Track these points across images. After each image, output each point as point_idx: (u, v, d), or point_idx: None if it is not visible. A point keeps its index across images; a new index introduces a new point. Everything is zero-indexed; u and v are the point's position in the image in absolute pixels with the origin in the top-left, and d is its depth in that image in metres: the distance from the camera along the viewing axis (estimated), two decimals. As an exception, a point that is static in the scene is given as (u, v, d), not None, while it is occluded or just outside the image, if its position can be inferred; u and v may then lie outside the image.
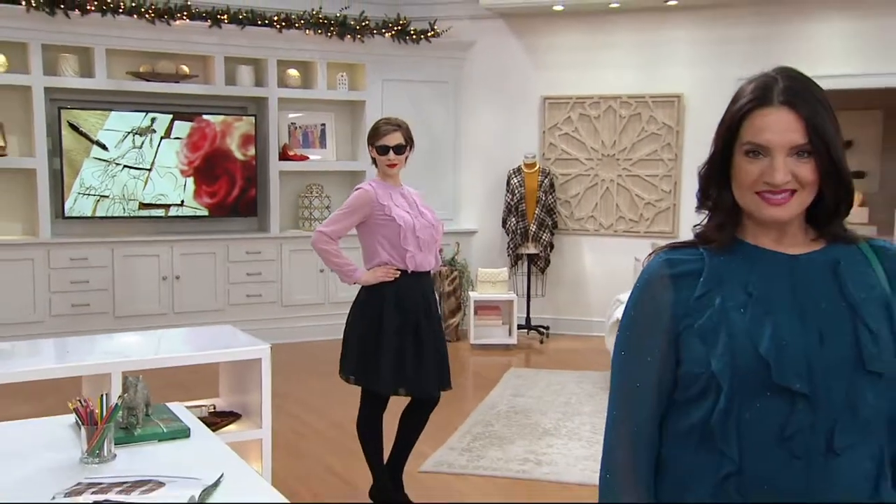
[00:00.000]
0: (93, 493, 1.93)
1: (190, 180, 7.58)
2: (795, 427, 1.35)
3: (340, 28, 7.83)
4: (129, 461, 2.23)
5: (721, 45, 7.66)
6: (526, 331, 7.96)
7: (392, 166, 3.93)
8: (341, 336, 4.01)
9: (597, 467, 4.35)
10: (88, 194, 7.25)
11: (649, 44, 7.87)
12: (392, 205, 3.89)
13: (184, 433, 2.45)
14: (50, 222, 7.11)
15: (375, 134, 3.95)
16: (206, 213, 7.69)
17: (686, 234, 6.78)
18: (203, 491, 1.93)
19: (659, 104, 7.89)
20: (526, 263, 8.06)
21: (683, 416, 1.45)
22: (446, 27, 8.23)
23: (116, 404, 2.24)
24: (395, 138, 3.91)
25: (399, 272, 3.89)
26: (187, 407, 3.68)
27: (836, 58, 7.41)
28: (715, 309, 1.42)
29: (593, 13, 7.93)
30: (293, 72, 7.95)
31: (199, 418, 3.56)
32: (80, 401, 2.20)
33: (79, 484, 2.00)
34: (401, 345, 3.86)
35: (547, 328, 8.04)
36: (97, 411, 2.17)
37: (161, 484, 2.00)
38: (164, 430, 2.43)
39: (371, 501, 4.04)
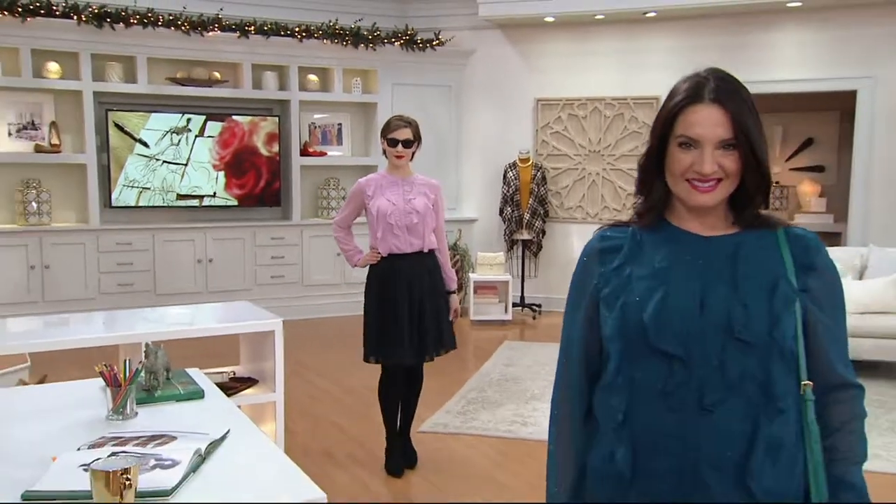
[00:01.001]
0: (113, 445, 2.01)
1: (221, 174, 7.67)
2: (673, 385, 1.37)
3: (355, 38, 7.91)
4: (149, 418, 2.28)
5: (694, 52, 7.69)
6: (520, 308, 8.07)
7: (399, 158, 3.96)
8: (355, 312, 4.08)
9: None
10: (132, 186, 7.37)
11: (630, 51, 7.93)
12: (378, 195, 3.95)
13: (199, 395, 2.51)
14: (99, 211, 7.24)
15: (388, 128, 4.00)
16: (235, 203, 7.76)
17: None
18: (209, 444, 2.03)
19: (639, 105, 7.96)
20: (520, 248, 8.16)
21: (603, 371, 1.48)
22: (449, 36, 8.33)
23: (137, 369, 2.31)
24: (405, 133, 3.96)
25: (380, 255, 3.98)
26: (211, 373, 3.81)
27: (796, 64, 7.48)
28: (622, 279, 1.45)
29: (581, 24, 7.99)
30: (313, 77, 8.02)
31: (221, 383, 3.68)
32: (105, 365, 2.26)
33: (102, 437, 2.08)
34: (382, 318, 3.94)
35: (539, 306, 8.13)
36: (121, 375, 2.25)
37: (174, 438, 2.07)
38: (182, 392, 2.50)
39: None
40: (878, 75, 7.21)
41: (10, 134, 7.08)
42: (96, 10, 6.99)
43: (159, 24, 7.21)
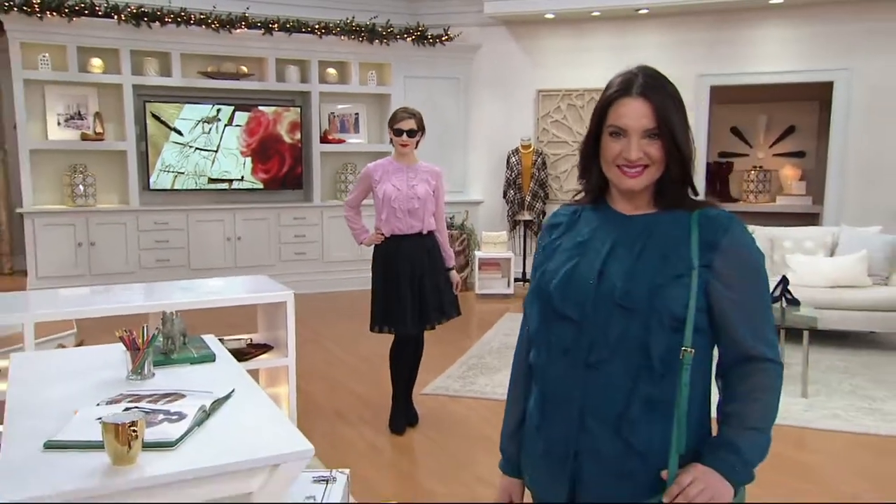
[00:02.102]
0: (129, 401, 2.05)
1: (248, 160, 7.72)
2: (569, 343, 1.41)
3: (370, 34, 7.91)
4: (165, 379, 2.32)
5: (683, 46, 7.67)
6: (522, 283, 8.10)
7: (404, 146, 3.99)
8: (370, 287, 4.13)
9: None
10: (168, 171, 7.44)
11: (624, 45, 7.88)
12: (384, 180, 3.99)
13: (210, 358, 2.55)
14: (138, 193, 7.32)
15: (394, 119, 4.02)
16: (261, 186, 7.80)
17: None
18: (214, 402, 2.08)
19: (632, 96, 7.91)
20: (522, 228, 8.18)
21: (535, 331, 1.53)
22: (457, 32, 8.30)
23: (154, 335, 2.35)
24: (409, 124, 3.97)
25: (383, 236, 4.04)
26: (231, 339, 3.88)
27: (778, 57, 7.41)
28: (551, 251, 1.50)
29: (578, 20, 7.95)
30: (331, 70, 8.04)
31: (239, 349, 3.76)
32: (126, 331, 2.30)
33: (120, 394, 2.12)
34: (387, 293, 4.01)
35: (539, 280, 8.16)
36: (139, 340, 2.30)
37: (183, 395, 2.11)
38: (195, 356, 2.54)
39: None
40: (854, 67, 7.14)
41: (59, 123, 7.16)
42: (135, 10, 7.05)
43: (191, 22, 7.25)
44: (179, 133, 7.43)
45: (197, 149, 7.51)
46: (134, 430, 1.69)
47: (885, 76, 7.06)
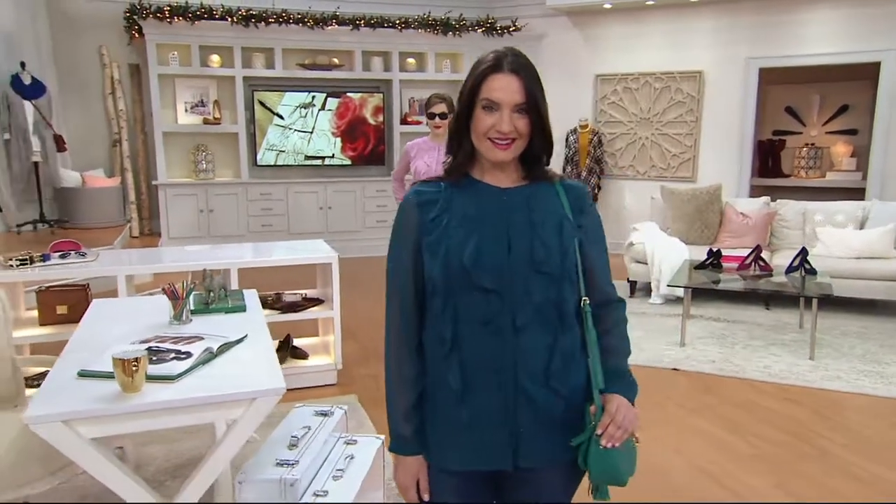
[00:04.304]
0: (157, 341, 2.18)
1: (338, 139, 7.91)
2: (491, 314, 1.35)
3: (445, 27, 7.93)
4: (200, 324, 2.46)
5: (733, 30, 7.28)
6: (578, 249, 8.01)
7: (437, 127, 4.01)
8: None
9: None
10: (271, 149, 7.75)
11: (677, 31, 7.56)
12: (418, 157, 4.04)
13: (241, 309, 2.68)
14: (248, 169, 7.68)
15: (428, 104, 4.05)
16: (349, 162, 7.98)
17: (703, 179, 6.71)
18: (222, 344, 2.20)
19: (684, 78, 7.61)
20: (579, 199, 8.05)
21: (430, 306, 1.42)
22: (524, 23, 8.19)
23: (191, 288, 2.51)
24: (441, 108, 3.98)
25: None
26: (289, 293, 4.10)
27: (825, 39, 6.92)
28: (441, 228, 1.39)
29: (634, 9, 7.67)
30: (411, 60, 8.10)
31: (294, 301, 3.96)
32: (169, 284, 2.50)
33: (156, 335, 2.25)
34: None
35: (594, 247, 8.05)
36: (180, 291, 2.50)
37: (201, 338, 2.21)
38: (229, 306, 2.68)
39: None
40: (901, 48, 6.56)
41: (185, 110, 7.60)
42: (244, 13, 7.35)
43: (291, 21, 7.49)
44: (281, 117, 7.70)
45: (295, 130, 7.77)
46: (135, 365, 1.88)
47: (933, 56, 6.46)
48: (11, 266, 3.40)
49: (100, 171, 7.54)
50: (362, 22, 7.67)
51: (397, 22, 7.77)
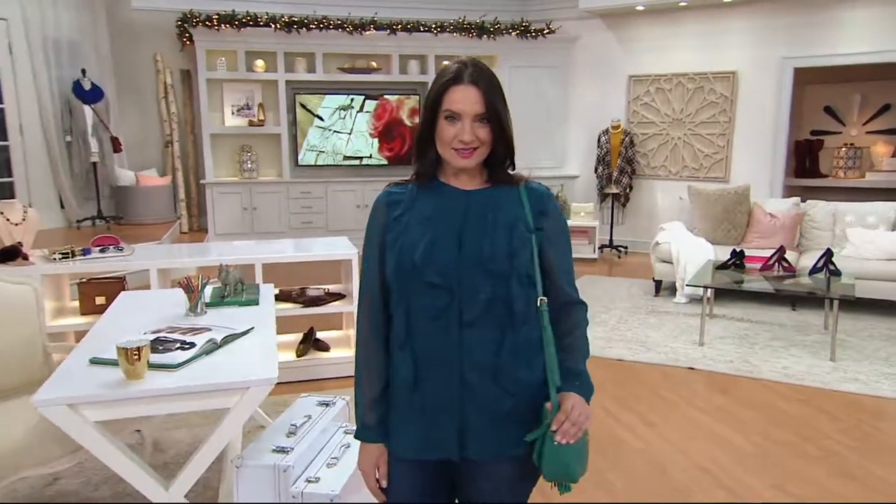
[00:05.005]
0: (167, 331, 2.27)
1: (376, 140, 7.98)
2: (440, 310, 1.37)
3: (480, 30, 7.92)
4: (214, 316, 2.55)
5: (767, 31, 7.06)
6: (609, 249, 7.92)
7: None
8: None
9: (605, 345, 4.46)
10: (312, 150, 7.88)
11: (710, 32, 7.38)
12: None
13: (254, 302, 2.77)
14: (289, 168, 7.83)
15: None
16: (386, 162, 8.05)
17: (736, 179, 6.58)
18: (227, 336, 2.28)
19: (717, 79, 7.42)
20: (611, 200, 7.96)
21: (390, 301, 1.45)
22: (558, 26, 8.11)
23: (204, 282, 2.60)
24: None
25: None
26: (314, 287, 4.18)
27: (865, 38, 6.65)
28: (402, 226, 1.42)
29: (667, 10, 7.51)
30: (446, 63, 8.05)
31: (317, 296, 4.04)
32: (185, 278, 2.60)
33: (168, 326, 2.34)
34: None
35: (626, 248, 7.95)
36: (196, 285, 2.59)
37: (209, 329, 2.31)
38: (242, 300, 2.78)
39: None
40: (942, 46, 6.26)
41: (232, 113, 7.80)
42: (287, 20, 7.50)
43: (331, 27, 7.60)
44: (321, 119, 7.83)
45: (335, 131, 7.88)
46: (136, 354, 1.97)
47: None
48: (55, 259, 3.57)
49: (153, 171, 7.82)
50: (399, 27, 7.73)
51: (433, 26, 7.81)
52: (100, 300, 3.66)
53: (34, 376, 2.63)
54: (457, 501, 1.54)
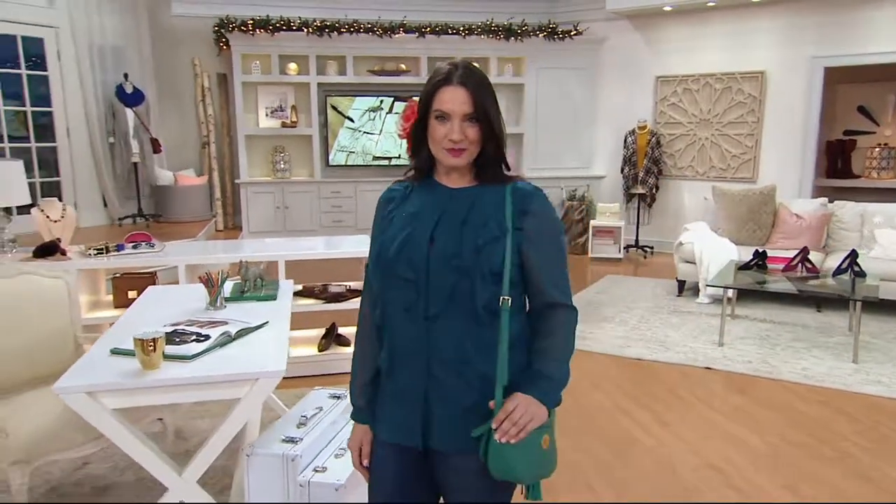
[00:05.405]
0: (186, 324, 2.33)
1: (404, 141, 7.98)
2: (410, 302, 1.39)
3: (507, 32, 7.90)
4: (233, 310, 2.60)
5: (795, 30, 6.90)
6: (635, 249, 7.83)
7: None
8: None
9: (624, 344, 4.35)
10: (342, 151, 7.96)
11: (738, 32, 7.23)
12: None
13: (272, 297, 2.81)
14: (321, 168, 7.92)
15: None
16: (414, 163, 8.11)
17: (764, 180, 6.44)
18: (241, 329, 2.33)
19: (745, 79, 7.27)
20: (637, 200, 7.86)
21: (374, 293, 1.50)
22: (585, 27, 8.04)
23: (224, 277, 2.67)
24: None
25: None
26: (336, 284, 4.22)
27: (893, 38, 6.43)
28: (388, 222, 1.46)
29: (695, 11, 7.39)
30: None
31: (339, 292, 4.08)
32: (207, 273, 2.68)
33: (189, 319, 2.40)
34: None
35: (651, 248, 7.84)
36: (216, 280, 2.65)
37: (226, 323, 2.36)
38: (261, 295, 2.83)
39: None
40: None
41: (266, 115, 7.92)
42: (319, 24, 7.58)
43: (361, 30, 7.67)
44: (351, 120, 7.90)
45: (364, 132, 7.95)
46: (152, 345, 2.03)
47: None
48: (90, 255, 3.69)
49: (190, 171, 7.99)
50: (428, 29, 7.76)
51: (461, 29, 7.82)
52: (132, 294, 3.76)
53: (66, 366, 2.70)
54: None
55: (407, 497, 1.50)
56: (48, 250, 3.67)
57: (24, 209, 4.55)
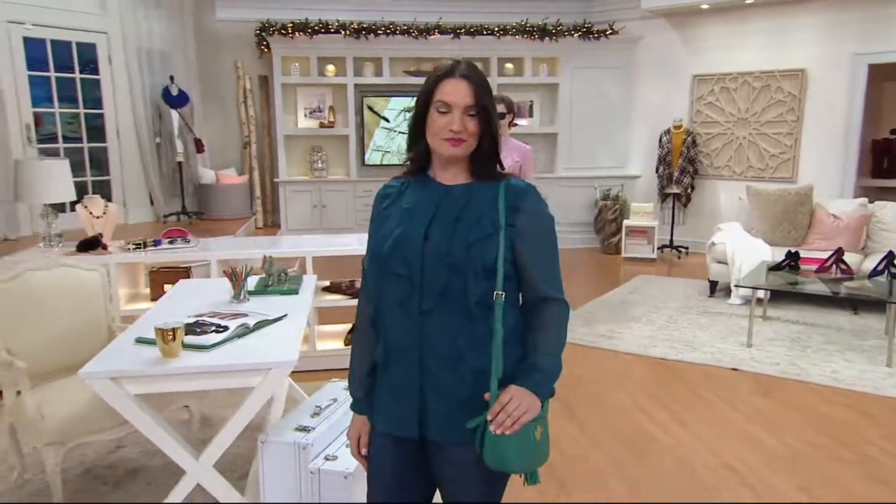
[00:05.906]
0: (208, 315, 2.41)
1: (438, 141, 8.06)
2: (404, 297, 1.41)
3: (542, 32, 7.87)
4: (256, 303, 2.68)
5: (837, 26, 6.69)
6: (670, 249, 7.72)
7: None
8: None
9: (649, 344, 4.43)
10: (378, 150, 8.04)
11: (777, 29, 7.05)
12: None
13: (294, 292, 2.89)
14: (357, 168, 8.01)
15: None
16: (448, 162, 8.13)
17: (804, 180, 6.30)
18: (259, 321, 2.41)
19: (785, 77, 7.09)
20: (672, 200, 7.74)
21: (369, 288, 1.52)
22: (621, 27, 7.95)
23: (247, 271, 2.74)
24: (498, 108, 3.78)
25: None
26: (353, 281, 4.28)
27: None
28: (383, 218, 1.48)
29: (732, 8, 7.24)
30: (509, 65, 8.08)
31: (355, 285, 4.13)
32: (231, 267, 2.77)
33: (212, 311, 2.48)
34: None
35: (686, 248, 7.72)
36: (240, 274, 2.73)
37: (246, 315, 2.45)
38: (283, 289, 2.90)
39: None
40: None
41: (304, 116, 8.07)
42: (356, 26, 7.69)
43: (397, 32, 7.74)
44: (387, 120, 7.97)
45: (399, 132, 7.98)
46: (171, 335, 2.12)
47: None
48: (129, 249, 3.84)
49: (232, 170, 8.21)
50: (463, 30, 7.79)
51: (496, 29, 7.82)
52: (167, 287, 3.90)
53: (99, 354, 2.85)
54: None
55: (405, 486, 1.53)
56: (91, 245, 3.84)
57: (73, 206, 4.77)
